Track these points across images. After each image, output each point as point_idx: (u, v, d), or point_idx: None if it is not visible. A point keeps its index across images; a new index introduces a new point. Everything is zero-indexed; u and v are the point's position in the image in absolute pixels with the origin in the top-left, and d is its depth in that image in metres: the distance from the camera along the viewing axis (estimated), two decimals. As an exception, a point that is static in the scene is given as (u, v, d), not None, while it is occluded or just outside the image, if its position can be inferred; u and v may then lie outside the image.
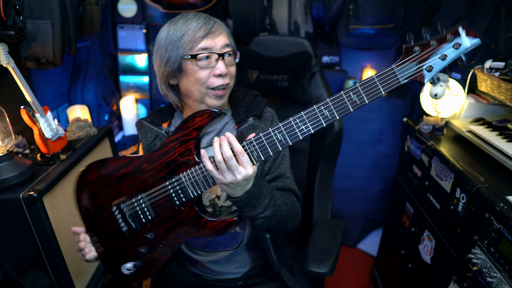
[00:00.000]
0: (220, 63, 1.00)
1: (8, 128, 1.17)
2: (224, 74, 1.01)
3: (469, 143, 1.39)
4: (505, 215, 0.96)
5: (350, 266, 2.36)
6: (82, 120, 1.57)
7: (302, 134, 0.80)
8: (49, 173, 1.19)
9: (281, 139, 0.82)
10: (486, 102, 1.51)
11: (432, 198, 1.43)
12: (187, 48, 0.99)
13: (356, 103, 0.77)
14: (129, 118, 2.44)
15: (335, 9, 2.26)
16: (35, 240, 1.13)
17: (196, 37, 0.99)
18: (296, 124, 0.80)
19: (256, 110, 1.13)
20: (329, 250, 1.17)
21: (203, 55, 0.99)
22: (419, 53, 0.75)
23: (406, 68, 0.76)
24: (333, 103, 0.78)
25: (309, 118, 0.79)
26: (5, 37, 1.16)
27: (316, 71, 1.44)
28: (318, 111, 0.79)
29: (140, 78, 2.49)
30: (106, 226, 1.02)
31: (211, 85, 1.01)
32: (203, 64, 1.00)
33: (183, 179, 0.93)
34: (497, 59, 1.36)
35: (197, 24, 0.99)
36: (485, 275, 1.04)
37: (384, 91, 0.76)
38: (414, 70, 0.75)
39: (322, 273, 1.09)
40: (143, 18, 2.37)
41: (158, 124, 1.17)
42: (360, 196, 2.52)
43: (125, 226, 1.00)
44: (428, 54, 0.74)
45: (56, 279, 1.21)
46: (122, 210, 1.00)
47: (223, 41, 1.02)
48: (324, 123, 0.79)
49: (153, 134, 1.15)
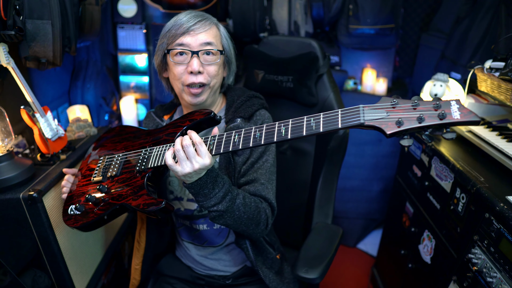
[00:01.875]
0: (193, 60, 1.02)
1: (8, 128, 1.16)
2: (196, 72, 1.02)
3: (469, 143, 1.39)
4: (505, 215, 0.96)
5: (350, 266, 2.36)
6: (82, 120, 1.57)
7: (253, 142, 0.83)
8: (49, 173, 1.19)
9: (236, 142, 0.85)
10: (486, 102, 1.51)
11: (432, 198, 1.43)
12: (169, 42, 1.05)
13: (311, 128, 0.76)
14: (129, 118, 2.44)
15: (335, 9, 2.26)
16: (35, 240, 1.13)
17: (176, 33, 1.03)
18: (254, 133, 0.84)
19: (245, 112, 1.12)
20: (322, 255, 1.14)
21: (177, 50, 1.03)
22: (394, 104, 0.70)
23: (373, 112, 0.71)
24: (292, 122, 0.80)
25: (266, 131, 0.82)
26: (5, 37, 1.16)
27: (323, 72, 1.41)
28: (277, 127, 0.81)
29: (140, 78, 2.48)
30: (87, 171, 1.13)
31: (184, 81, 1.05)
32: (178, 60, 1.04)
33: (154, 151, 1.00)
34: (497, 59, 1.36)
35: (181, 21, 1.03)
36: (485, 275, 1.04)
37: (341, 125, 0.73)
38: (379, 118, 0.70)
39: (311, 279, 1.06)
40: (143, 18, 2.37)
41: (160, 116, 1.26)
42: (360, 196, 2.52)
43: (96, 175, 1.08)
44: (402, 110, 0.69)
45: (56, 279, 1.21)
46: (104, 161, 1.12)
47: (204, 38, 1.04)
48: (276, 138, 0.81)
49: (154, 124, 1.24)
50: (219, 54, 1.07)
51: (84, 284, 1.34)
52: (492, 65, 1.36)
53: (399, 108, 0.70)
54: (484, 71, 1.39)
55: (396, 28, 2.31)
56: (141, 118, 2.57)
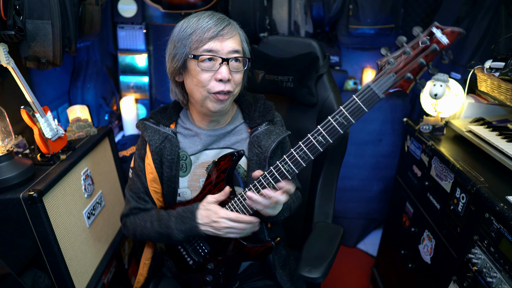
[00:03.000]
0: (223, 68, 0.97)
1: (8, 128, 1.17)
2: (226, 80, 0.98)
3: (469, 143, 1.39)
4: (505, 215, 0.96)
5: (350, 266, 2.36)
6: (82, 120, 1.57)
7: (304, 162, 0.90)
8: (49, 173, 1.19)
9: (290, 171, 0.92)
10: (486, 102, 1.51)
11: (432, 198, 1.43)
12: (193, 47, 0.97)
13: (344, 124, 0.83)
14: (129, 118, 2.44)
15: (335, 9, 2.26)
16: (35, 240, 1.13)
17: (203, 38, 0.95)
18: (298, 153, 0.89)
19: (269, 115, 1.15)
20: (324, 255, 1.15)
21: (205, 56, 0.96)
22: (395, 64, 0.76)
23: (383, 81, 0.77)
24: (324, 129, 0.85)
25: (307, 147, 0.88)
26: (5, 37, 1.16)
27: (323, 72, 1.42)
28: (313, 138, 0.86)
29: (140, 78, 2.49)
30: (180, 261, 1.19)
31: (211, 89, 0.99)
32: (205, 66, 0.97)
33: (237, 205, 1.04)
34: (497, 59, 1.36)
35: (207, 24, 0.96)
36: (485, 275, 1.04)
37: (367, 108, 0.80)
38: (392, 81, 0.76)
39: (314, 278, 1.07)
40: (143, 18, 2.37)
41: (166, 124, 1.14)
42: (360, 196, 2.52)
43: (191, 260, 1.16)
44: (404, 62, 0.75)
45: (56, 279, 1.21)
46: (185, 247, 1.17)
47: (232, 45, 0.98)
48: (321, 148, 0.87)
49: (161, 136, 1.11)
50: (246, 62, 1.03)
51: (84, 284, 1.34)
52: (492, 65, 1.36)
53: (399, 64, 0.76)
54: (484, 71, 1.39)
55: (396, 28, 2.31)
56: (141, 118, 2.56)
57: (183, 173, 1.13)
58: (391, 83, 0.76)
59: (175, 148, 1.10)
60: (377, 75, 0.77)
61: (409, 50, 0.73)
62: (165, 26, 2.24)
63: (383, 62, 0.77)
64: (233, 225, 1.00)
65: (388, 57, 0.76)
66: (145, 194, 1.15)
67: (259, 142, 1.09)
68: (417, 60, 0.73)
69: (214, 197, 1.04)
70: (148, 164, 1.11)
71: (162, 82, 2.32)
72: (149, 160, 1.11)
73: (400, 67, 0.75)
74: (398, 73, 0.75)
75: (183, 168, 1.13)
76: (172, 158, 1.09)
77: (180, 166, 1.12)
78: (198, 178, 1.13)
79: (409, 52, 0.73)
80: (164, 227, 1.07)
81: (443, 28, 0.70)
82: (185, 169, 1.13)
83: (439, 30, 0.70)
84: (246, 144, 1.14)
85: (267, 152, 1.08)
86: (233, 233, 1.02)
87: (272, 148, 1.08)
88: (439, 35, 0.70)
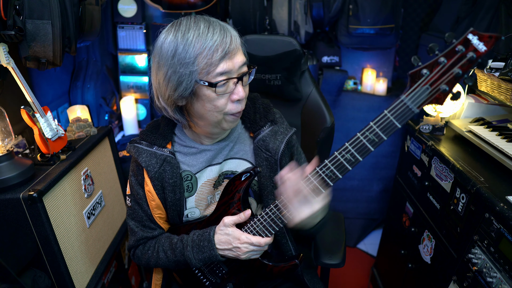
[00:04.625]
0: (239, 88, 0.89)
1: (8, 128, 1.17)
2: (243, 99, 0.91)
3: (469, 143, 1.39)
4: (505, 215, 0.97)
5: (350, 266, 2.36)
6: (82, 120, 1.57)
7: (332, 181, 0.81)
8: (49, 173, 1.19)
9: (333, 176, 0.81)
10: (486, 102, 1.51)
11: (432, 198, 1.43)
12: (203, 72, 0.84)
13: (375, 141, 0.75)
14: (129, 118, 2.44)
15: (335, 9, 2.26)
16: (35, 240, 1.13)
17: (213, 60, 0.83)
18: (324, 172, 0.80)
19: (270, 115, 1.08)
20: (337, 241, 1.23)
21: (222, 81, 0.85)
22: (429, 75, 0.69)
23: (417, 94, 0.70)
24: (352, 146, 0.77)
25: (334, 165, 0.79)
26: (5, 37, 1.16)
27: (305, 69, 1.47)
28: (341, 156, 0.78)
29: (140, 78, 2.49)
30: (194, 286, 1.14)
31: (229, 111, 0.91)
32: (222, 91, 0.87)
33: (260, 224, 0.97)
34: (497, 59, 1.36)
35: (214, 42, 0.83)
36: (485, 275, 1.04)
37: (400, 124, 0.73)
38: (427, 95, 0.70)
39: (335, 264, 1.14)
40: (143, 18, 2.37)
41: (161, 145, 1.02)
42: (360, 196, 2.52)
43: (207, 281, 1.11)
44: (439, 74, 0.68)
45: (56, 279, 1.21)
46: (201, 269, 1.10)
47: (241, 59, 0.88)
48: (350, 167, 0.78)
49: (159, 159, 1.00)
50: (253, 71, 0.95)
51: (84, 284, 1.34)
52: (492, 65, 1.36)
53: (433, 76, 0.69)
54: (484, 71, 1.39)
55: (396, 28, 2.31)
56: (141, 118, 2.57)
57: (189, 194, 1.06)
58: (426, 97, 0.70)
59: (176, 170, 1.00)
60: (410, 87, 0.71)
61: (443, 59, 0.67)
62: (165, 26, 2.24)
63: (415, 73, 0.70)
64: (255, 248, 0.95)
65: (419, 67, 0.70)
66: (150, 221, 1.07)
67: (266, 146, 1.03)
68: (453, 71, 0.66)
69: (232, 220, 0.96)
70: (149, 191, 1.02)
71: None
72: (148, 187, 1.01)
73: (435, 78, 0.69)
74: (433, 85, 0.69)
75: (189, 188, 1.05)
76: (174, 181, 1.00)
77: (185, 187, 1.05)
78: (206, 197, 1.07)
79: (443, 62, 0.67)
80: (180, 255, 1.01)
81: (480, 34, 0.64)
82: (191, 189, 1.05)
83: (475, 36, 0.64)
84: (251, 150, 1.08)
85: (277, 154, 1.02)
86: (254, 255, 0.98)
87: (281, 149, 1.02)
88: (475, 42, 0.64)
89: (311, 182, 0.82)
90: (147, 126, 1.08)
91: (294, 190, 0.84)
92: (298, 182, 0.83)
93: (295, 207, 0.86)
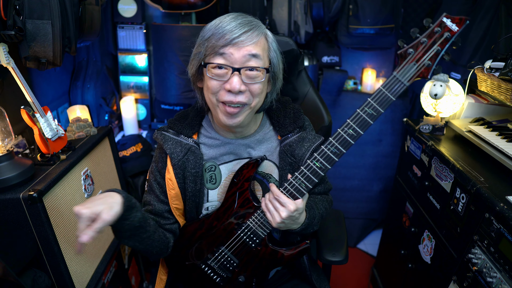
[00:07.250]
0: (233, 78, 0.89)
1: (8, 128, 1.16)
2: (236, 91, 0.90)
3: (469, 143, 1.39)
4: (505, 215, 0.97)
5: (350, 266, 2.36)
6: (82, 120, 1.57)
7: (337, 156, 0.89)
8: (49, 173, 1.19)
9: (322, 167, 0.90)
10: (486, 102, 1.51)
11: (432, 198, 1.43)
12: (207, 53, 0.91)
13: (374, 115, 0.85)
14: (129, 118, 2.44)
15: (335, 9, 2.26)
16: (35, 240, 1.13)
17: (217, 44, 0.88)
18: (329, 149, 0.89)
19: (300, 121, 1.09)
20: (339, 238, 1.24)
21: (214, 65, 0.90)
22: (415, 53, 0.83)
23: (406, 70, 0.83)
24: (354, 122, 0.86)
25: (338, 141, 0.88)
26: (5, 37, 1.16)
27: (301, 69, 1.48)
28: (343, 132, 0.87)
29: (140, 78, 2.49)
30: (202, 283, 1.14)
31: (220, 97, 0.93)
32: (215, 73, 0.91)
33: (251, 225, 1.02)
34: (497, 59, 1.36)
35: (224, 30, 0.88)
36: (485, 275, 1.04)
37: (393, 97, 0.84)
38: (415, 70, 0.83)
39: (338, 261, 1.16)
40: (143, 18, 2.37)
41: (188, 135, 1.05)
42: (360, 196, 2.52)
43: (218, 277, 1.11)
44: (422, 51, 0.82)
45: (56, 279, 1.21)
46: (210, 265, 1.10)
47: (250, 53, 0.89)
48: (352, 141, 0.87)
49: (184, 148, 1.02)
50: (265, 72, 0.93)
51: (84, 284, 1.34)
52: (492, 65, 1.36)
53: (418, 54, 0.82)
54: (484, 71, 1.39)
55: (396, 28, 2.31)
56: (141, 118, 2.57)
57: (213, 185, 1.06)
58: (414, 71, 0.83)
59: (199, 160, 1.02)
60: (400, 65, 0.83)
61: (425, 39, 0.81)
62: (165, 26, 2.24)
63: (403, 53, 0.83)
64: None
65: (406, 47, 0.83)
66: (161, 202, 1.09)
67: (292, 151, 1.04)
68: (434, 48, 0.81)
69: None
70: (170, 179, 1.03)
71: (162, 82, 2.32)
72: (170, 174, 1.03)
73: (420, 55, 0.82)
74: (419, 61, 0.82)
75: (212, 179, 1.06)
76: (196, 172, 1.02)
77: (208, 178, 1.06)
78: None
79: (425, 41, 0.81)
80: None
81: (452, 17, 0.79)
82: (215, 181, 1.06)
83: (449, 19, 0.79)
84: (277, 153, 1.08)
85: (302, 161, 1.03)
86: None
87: (307, 157, 1.02)
88: (449, 23, 0.79)
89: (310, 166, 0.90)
90: (176, 115, 1.12)
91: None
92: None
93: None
